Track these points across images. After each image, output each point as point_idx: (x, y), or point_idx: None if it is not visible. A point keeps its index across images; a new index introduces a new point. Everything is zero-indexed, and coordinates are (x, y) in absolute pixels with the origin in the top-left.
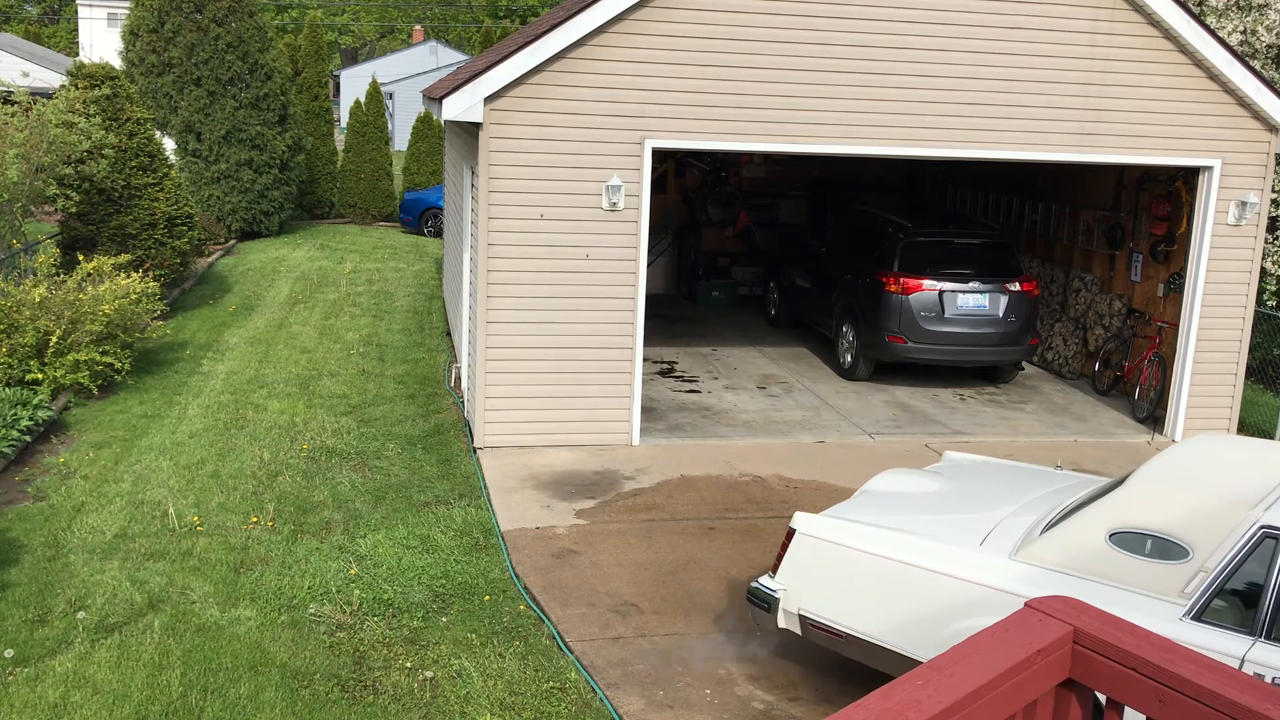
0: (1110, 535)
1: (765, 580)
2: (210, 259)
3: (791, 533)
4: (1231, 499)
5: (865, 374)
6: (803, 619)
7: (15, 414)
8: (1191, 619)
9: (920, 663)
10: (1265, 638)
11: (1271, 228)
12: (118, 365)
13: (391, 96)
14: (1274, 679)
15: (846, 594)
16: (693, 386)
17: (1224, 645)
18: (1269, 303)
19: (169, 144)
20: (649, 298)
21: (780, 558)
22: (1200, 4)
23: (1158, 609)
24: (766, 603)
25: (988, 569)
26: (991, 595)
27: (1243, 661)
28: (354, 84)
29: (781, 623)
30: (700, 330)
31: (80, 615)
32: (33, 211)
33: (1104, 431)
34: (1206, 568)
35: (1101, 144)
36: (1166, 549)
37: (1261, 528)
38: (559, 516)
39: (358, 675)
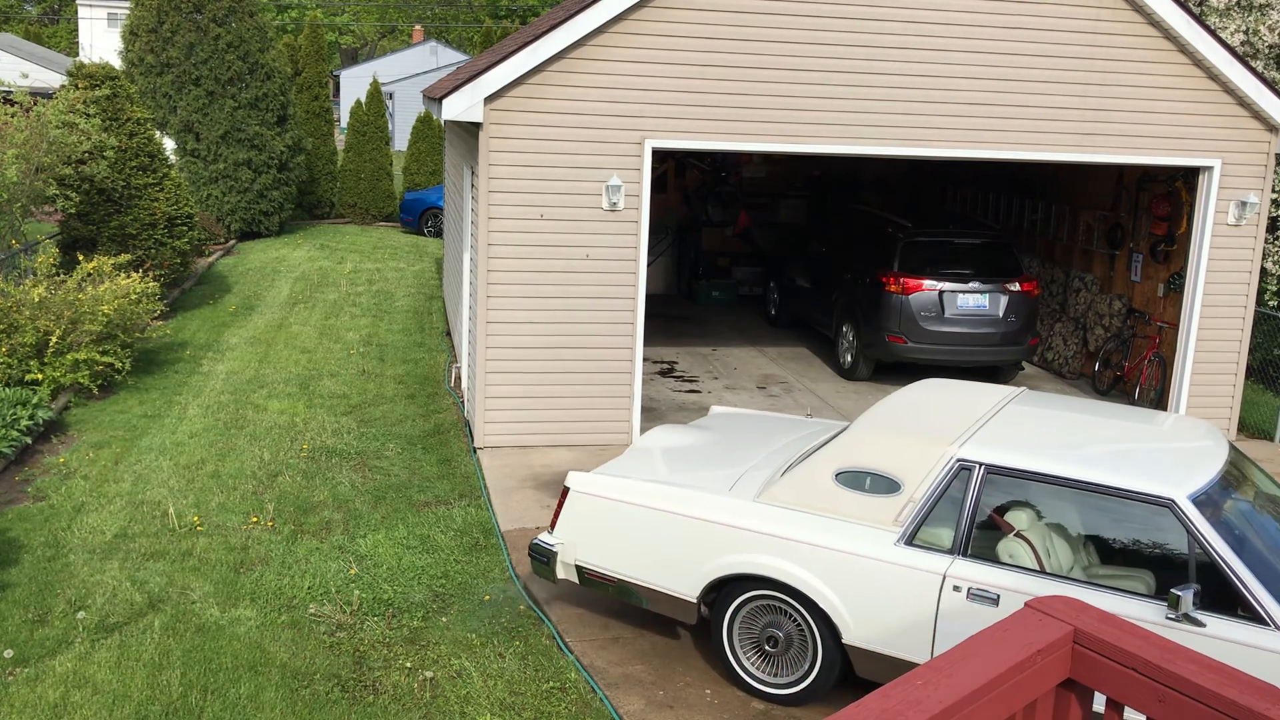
0: (836, 475)
1: (544, 536)
2: (210, 259)
3: (566, 490)
4: (936, 436)
5: (865, 374)
6: (579, 569)
7: (15, 414)
8: (905, 544)
9: (679, 599)
10: (963, 555)
11: (1271, 228)
12: (118, 365)
13: (391, 96)
14: (969, 589)
15: (615, 542)
16: (693, 386)
17: (931, 565)
18: (1269, 303)
19: (169, 144)
20: (649, 298)
21: (557, 515)
22: (1201, 4)
23: (876, 537)
24: (546, 557)
25: (735, 511)
26: (739, 534)
27: (945, 577)
28: (354, 84)
29: (560, 574)
30: (700, 330)
31: (80, 615)
32: (33, 211)
33: None
34: (914, 499)
35: (1101, 144)
36: (882, 484)
37: (957, 460)
38: None
39: (358, 675)
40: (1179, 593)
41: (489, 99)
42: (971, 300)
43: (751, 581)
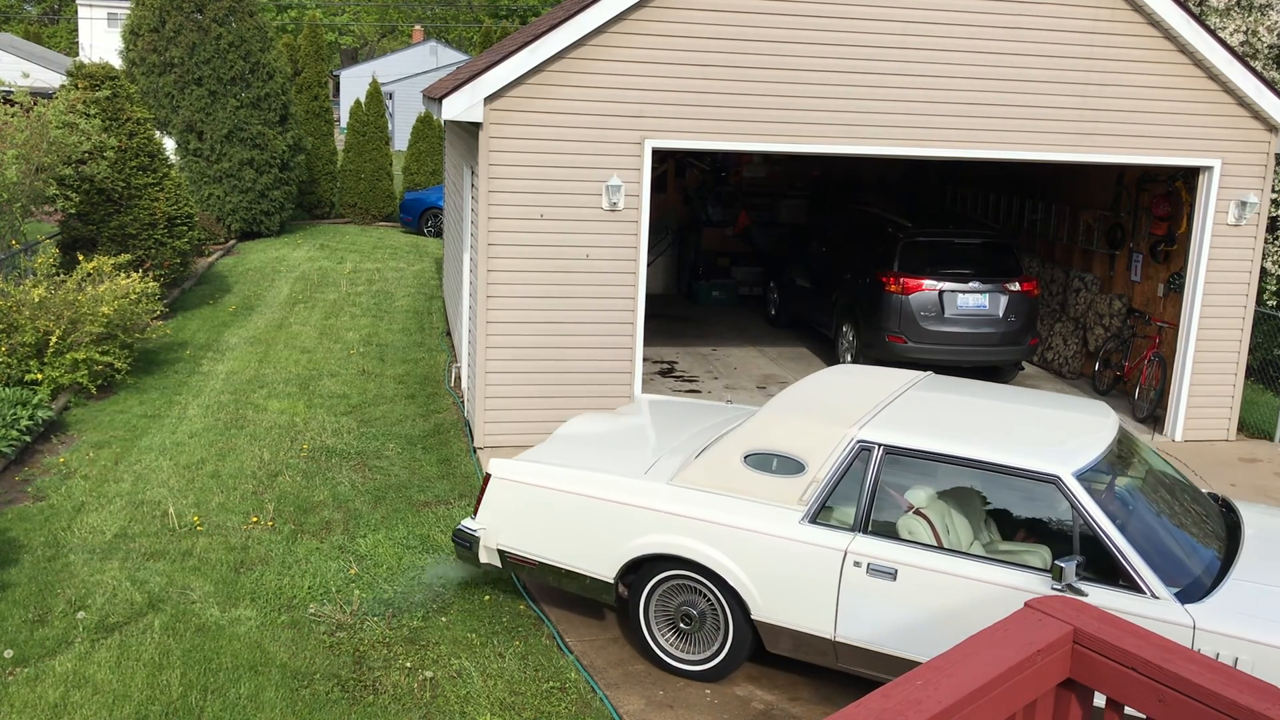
0: (745, 457)
1: (467, 523)
2: (210, 259)
3: (488, 477)
4: (838, 419)
5: None
6: (501, 553)
7: (15, 414)
8: (809, 522)
9: (598, 579)
10: (863, 532)
11: (1271, 228)
12: (117, 365)
13: (391, 96)
14: (868, 564)
15: (537, 526)
16: (693, 386)
17: (833, 541)
18: (1269, 303)
19: (169, 144)
20: (649, 298)
21: (479, 501)
22: (1201, 4)
23: (781, 516)
24: (469, 542)
25: (650, 494)
26: (654, 516)
27: (846, 553)
28: (354, 84)
29: (483, 559)
30: (700, 330)
31: (80, 615)
32: (33, 211)
33: None
34: (818, 479)
35: (1101, 144)
36: (788, 465)
37: (857, 442)
38: None
39: (358, 675)
40: (1061, 564)
41: (489, 99)
42: (971, 300)
43: (666, 561)
